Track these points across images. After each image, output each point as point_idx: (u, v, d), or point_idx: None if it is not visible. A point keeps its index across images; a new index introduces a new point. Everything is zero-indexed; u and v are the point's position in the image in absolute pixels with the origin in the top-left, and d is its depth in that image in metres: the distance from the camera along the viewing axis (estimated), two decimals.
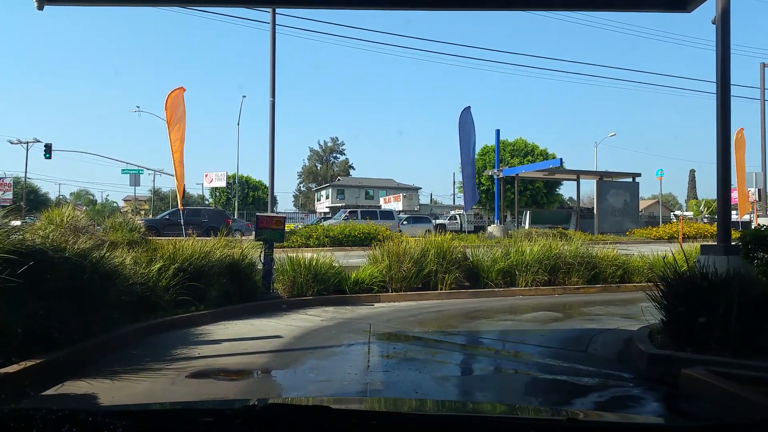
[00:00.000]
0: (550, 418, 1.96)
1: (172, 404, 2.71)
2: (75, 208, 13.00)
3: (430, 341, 6.43)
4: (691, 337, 5.19)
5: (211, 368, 5.04)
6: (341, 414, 1.67)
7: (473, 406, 3.10)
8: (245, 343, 5.96)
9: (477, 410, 2.51)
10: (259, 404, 1.55)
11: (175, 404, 2.68)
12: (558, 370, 5.04)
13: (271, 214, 10.41)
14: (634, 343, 5.74)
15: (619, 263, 11.54)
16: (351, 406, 2.32)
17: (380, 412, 1.98)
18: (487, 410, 2.48)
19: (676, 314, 5.45)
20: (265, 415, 1.51)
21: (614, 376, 4.98)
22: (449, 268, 10.08)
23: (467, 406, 3.05)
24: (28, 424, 1.41)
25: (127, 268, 6.56)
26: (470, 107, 20.35)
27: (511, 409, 2.58)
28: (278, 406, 1.64)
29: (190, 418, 1.59)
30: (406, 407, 2.39)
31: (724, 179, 6.87)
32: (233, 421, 1.48)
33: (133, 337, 5.89)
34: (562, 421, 1.63)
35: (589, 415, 2.57)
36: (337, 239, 20.29)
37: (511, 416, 2.01)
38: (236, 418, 1.48)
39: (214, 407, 1.91)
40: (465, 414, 2.10)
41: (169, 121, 14.49)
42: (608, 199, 29.69)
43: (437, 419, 1.77)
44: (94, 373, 4.57)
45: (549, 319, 7.94)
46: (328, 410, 1.59)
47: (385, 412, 2.03)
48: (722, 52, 6.68)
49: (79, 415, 1.45)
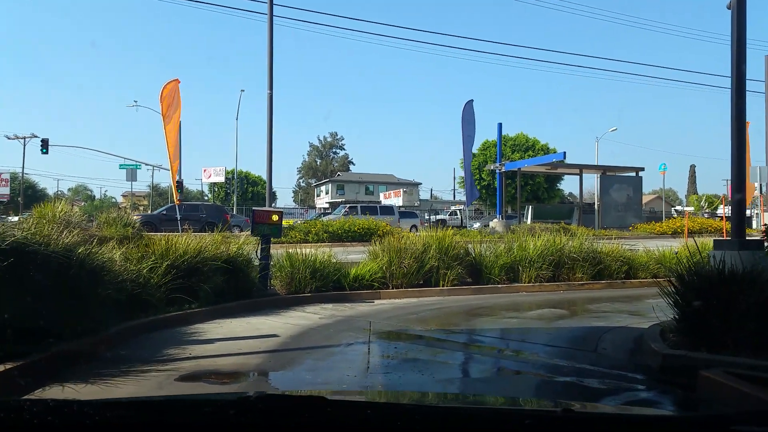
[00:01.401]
0: (544, 409, 1.93)
1: (165, 396, 2.69)
2: (73, 203, 12.78)
3: (432, 340, 6.19)
4: (706, 336, 4.94)
5: (202, 370, 4.79)
6: (337, 405, 1.62)
7: (474, 398, 3.06)
8: (239, 343, 5.71)
9: (477, 402, 2.46)
10: (255, 395, 1.51)
11: (168, 397, 2.66)
12: (568, 371, 4.80)
13: (268, 208, 10.15)
14: (645, 342, 5.50)
15: (624, 259, 11.29)
16: (348, 398, 2.26)
17: (376, 403, 1.95)
18: (489, 402, 2.44)
19: (690, 312, 5.20)
20: (259, 405, 1.47)
21: (626, 378, 4.73)
22: (451, 264, 9.83)
23: (468, 398, 3.00)
24: (17, 416, 1.39)
25: (117, 264, 6.31)
26: (473, 101, 20.05)
27: (510, 402, 2.53)
28: (273, 396, 1.59)
29: (184, 410, 1.56)
30: (404, 399, 2.35)
31: (738, 173, 6.61)
32: (227, 412, 1.44)
33: (122, 337, 5.63)
34: (557, 411, 1.59)
35: (587, 407, 2.48)
36: (337, 235, 20.03)
37: (505, 408, 1.98)
38: (230, 409, 1.45)
39: (208, 398, 1.92)
40: (458, 406, 2.07)
41: (164, 114, 14.21)
42: (611, 194, 29.31)
43: (434, 410, 1.74)
44: (78, 377, 4.31)
45: (555, 316, 7.69)
46: (323, 401, 1.54)
47: (381, 403, 2.00)
48: (738, 38, 6.39)
49: (72, 406, 1.44)
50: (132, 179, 38.97)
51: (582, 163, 31.94)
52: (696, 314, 5.12)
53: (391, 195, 53.06)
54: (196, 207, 26.12)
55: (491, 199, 45.54)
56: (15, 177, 55.17)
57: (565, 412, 1.58)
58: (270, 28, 12.77)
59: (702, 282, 5.18)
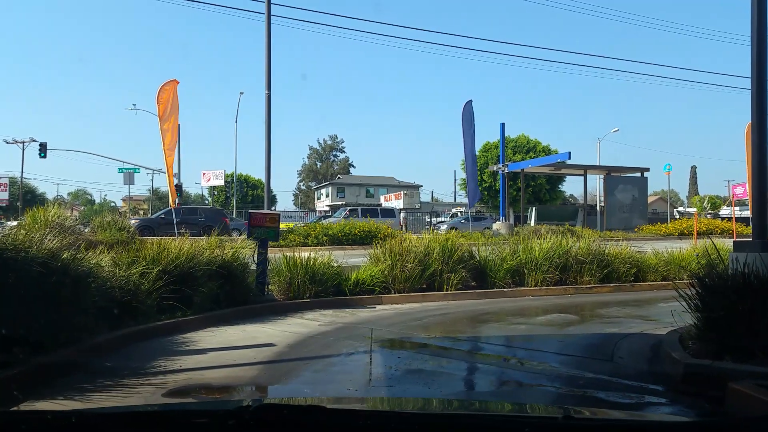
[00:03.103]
0: (545, 416, 1.91)
1: (163, 406, 2.67)
2: (73, 208, 12.52)
3: (437, 349, 5.87)
4: (731, 344, 4.61)
5: (192, 384, 4.46)
6: (338, 414, 1.62)
7: (479, 405, 2.98)
8: (233, 353, 5.38)
9: (480, 409, 2.39)
10: (253, 405, 1.50)
11: (166, 406, 2.65)
12: (584, 383, 4.47)
13: (265, 211, 9.84)
14: (664, 351, 5.18)
15: (632, 261, 10.96)
16: (349, 406, 2.23)
17: (377, 412, 1.94)
18: (493, 410, 2.41)
19: (713, 317, 4.87)
20: (259, 416, 1.46)
21: (647, 390, 4.41)
22: (455, 268, 9.50)
23: (473, 405, 2.93)
24: (15, 428, 1.39)
25: (105, 270, 6.00)
26: (472, 101, 19.77)
27: (516, 409, 2.50)
28: (273, 406, 1.60)
29: (182, 420, 1.55)
30: (407, 406, 2.33)
31: (759, 172, 6.28)
32: (226, 422, 1.44)
33: (108, 347, 5.31)
34: (558, 418, 1.57)
35: (596, 413, 2.46)
36: (337, 238, 19.70)
37: (504, 414, 1.95)
38: (229, 419, 1.45)
39: (207, 408, 1.91)
40: (455, 413, 2.01)
41: (161, 116, 13.91)
42: (616, 195, 28.86)
43: (434, 418, 1.74)
44: (57, 392, 4.00)
45: (564, 322, 7.36)
46: (324, 410, 1.54)
47: (381, 411, 1.97)
48: (758, 16, 6.04)
49: (71, 417, 1.44)
50: (129, 183, 38.67)
51: (586, 164, 31.58)
52: (720, 321, 4.80)
53: (392, 197, 52.69)
54: (194, 210, 25.83)
55: (492, 201, 45.16)
56: (14, 182, 54.93)
57: (565, 419, 1.55)
58: (267, 26, 12.48)
59: (726, 286, 4.85)
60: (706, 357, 4.69)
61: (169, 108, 13.62)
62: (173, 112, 13.92)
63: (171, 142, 13.70)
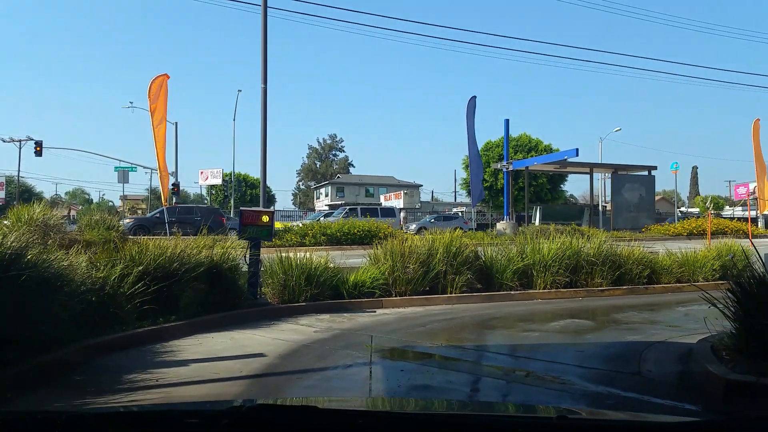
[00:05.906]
0: (539, 416, 1.89)
1: (155, 406, 2.63)
2: (70, 207, 12.04)
3: (444, 360, 5.34)
4: None
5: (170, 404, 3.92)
6: (329, 414, 1.62)
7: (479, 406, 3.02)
8: (219, 365, 4.85)
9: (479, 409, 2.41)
10: (246, 405, 1.53)
11: (158, 406, 2.60)
12: (613, 402, 3.94)
13: (258, 208, 9.30)
14: (698, 363, 4.64)
15: (645, 262, 10.41)
16: (342, 406, 2.16)
17: (369, 411, 1.91)
18: (494, 410, 2.40)
19: (755, 326, 4.34)
20: (252, 416, 1.47)
21: (682, 411, 3.88)
22: (460, 269, 8.96)
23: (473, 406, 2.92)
24: (8, 428, 1.41)
25: (80, 272, 5.46)
26: (476, 97, 19.22)
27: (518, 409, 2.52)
28: (266, 406, 1.60)
29: (174, 420, 1.55)
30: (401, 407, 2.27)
31: None
32: (219, 422, 1.44)
33: (80, 358, 4.77)
34: (552, 418, 1.57)
35: (594, 414, 2.38)
36: (335, 237, 19.12)
37: (496, 414, 1.95)
38: (222, 419, 1.45)
39: (200, 408, 1.88)
40: (450, 413, 1.98)
41: (152, 111, 13.37)
42: (623, 194, 28.15)
43: (430, 418, 1.72)
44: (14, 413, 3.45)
45: (580, 328, 6.83)
46: (315, 410, 1.56)
47: (373, 411, 1.95)
48: None
49: (62, 416, 1.45)
50: (124, 181, 38.12)
51: (592, 162, 30.97)
52: (763, 329, 4.27)
53: (392, 197, 52.19)
54: (190, 209, 25.25)
55: (493, 200, 44.58)
56: (11, 180, 54.40)
57: (559, 419, 1.53)
58: (264, 17, 11.96)
59: None
60: (747, 372, 4.17)
61: (158, 102, 13.08)
62: (163, 106, 13.39)
63: (160, 135, 13.15)
